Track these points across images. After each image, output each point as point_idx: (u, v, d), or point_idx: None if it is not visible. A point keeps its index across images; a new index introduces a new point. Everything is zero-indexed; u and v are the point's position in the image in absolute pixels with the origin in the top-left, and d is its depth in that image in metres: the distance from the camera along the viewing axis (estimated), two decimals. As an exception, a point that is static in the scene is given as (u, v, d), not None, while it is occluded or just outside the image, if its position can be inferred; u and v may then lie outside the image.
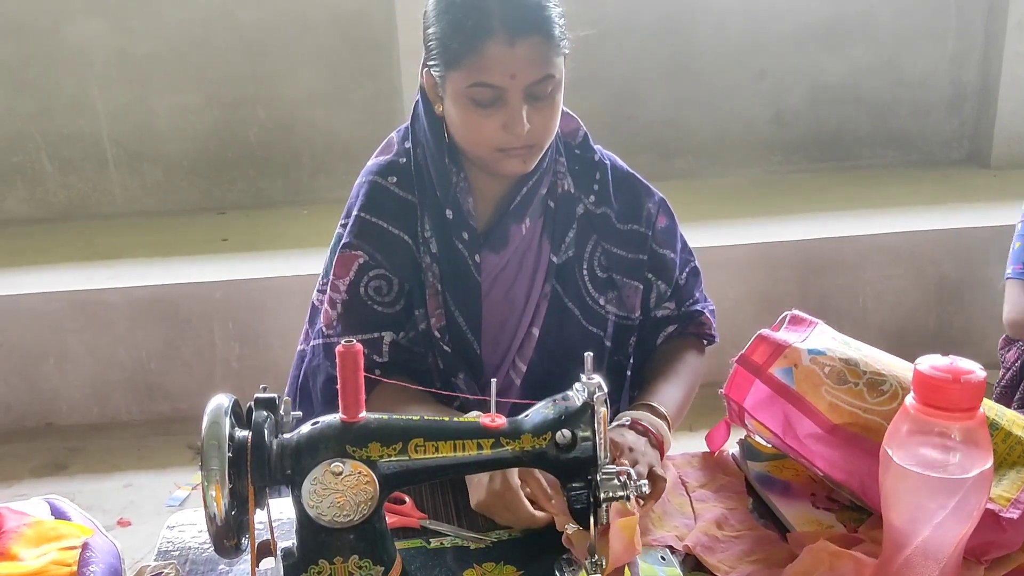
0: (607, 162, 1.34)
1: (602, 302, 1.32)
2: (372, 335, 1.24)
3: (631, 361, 1.37)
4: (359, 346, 0.89)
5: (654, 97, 3.80)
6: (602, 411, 0.91)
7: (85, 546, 0.93)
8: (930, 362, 0.79)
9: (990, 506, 0.93)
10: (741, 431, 1.20)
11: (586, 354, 0.93)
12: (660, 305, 1.36)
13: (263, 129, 3.65)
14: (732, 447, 1.24)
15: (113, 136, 3.57)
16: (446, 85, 1.16)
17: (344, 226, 1.30)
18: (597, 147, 1.35)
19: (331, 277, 1.27)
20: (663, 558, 1.01)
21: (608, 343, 1.34)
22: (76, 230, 3.46)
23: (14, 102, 3.49)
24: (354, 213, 1.27)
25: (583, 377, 0.93)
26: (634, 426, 1.14)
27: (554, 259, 1.29)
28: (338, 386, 0.89)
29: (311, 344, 1.33)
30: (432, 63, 1.18)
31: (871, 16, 3.84)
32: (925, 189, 3.63)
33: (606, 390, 0.92)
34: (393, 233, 1.26)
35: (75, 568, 0.88)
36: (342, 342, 0.88)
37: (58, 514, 1.03)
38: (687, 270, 1.38)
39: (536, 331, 1.30)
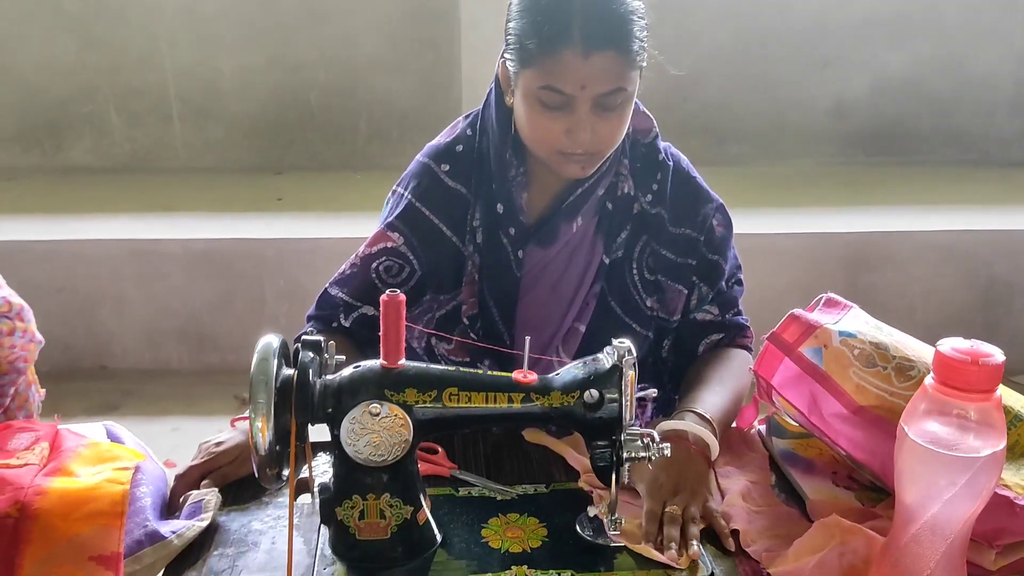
0: (671, 163, 1.33)
1: (649, 303, 1.32)
2: (354, 303, 1.29)
3: (667, 364, 1.38)
4: (402, 296, 0.94)
5: (711, 80, 3.78)
6: (630, 374, 0.94)
7: (137, 469, 1.00)
8: (952, 344, 0.81)
9: (1006, 493, 0.95)
10: (769, 409, 1.22)
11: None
12: (700, 308, 1.34)
13: (323, 93, 3.71)
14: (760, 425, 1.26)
15: (179, 93, 3.67)
16: (518, 80, 1.18)
17: (395, 194, 1.33)
18: (666, 144, 1.34)
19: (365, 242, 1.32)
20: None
21: (653, 343, 1.35)
22: (139, 182, 3.57)
23: (86, 55, 3.60)
24: (405, 196, 1.30)
25: (614, 341, 0.96)
26: (671, 441, 1.04)
27: (605, 260, 1.31)
28: (380, 333, 0.94)
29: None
30: (509, 56, 1.19)
31: (938, 11, 3.78)
32: (982, 189, 3.57)
33: (635, 354, 0.95)
34: (434, 223, 1.29)
35: (127, 486, 0.95)
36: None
37: (113, 439, 1.10)
38: (733, 280, 1.37)
39: (582, 327, 1.31)
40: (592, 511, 1.01)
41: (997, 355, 0.79)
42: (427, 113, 3.56)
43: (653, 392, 1.04)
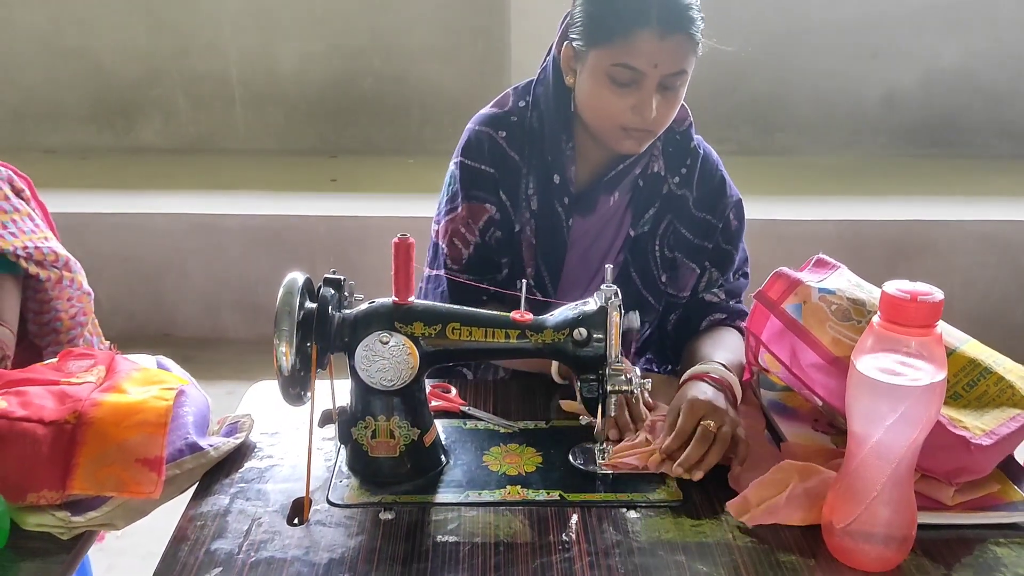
0: (701, 151, 1.43)
1: (664, 279, 1.42)
2: (492, 276, 1.38)
3: (670, 339, 1.47)
4: (412, 240, 1.05)
5: (760, 70, 3.82)
6: (614, 316, 1.04)
7: (182, 392, 1.13)
8: (896, 285, 0.89)
9: (963, 433, 1.03)
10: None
11: (606, 265, 1.07)
12: (709, 289, 1.44)
13: (378, 79, 3.86)
14: (754, 379, 1.35)
15: (241, 78, 3.85)
16: (586, 59, 1.26)
17: (461, 167, 1.38)
18: (699, 137, 1.44)
19: (460, 215, 1.37)
20: None
21: (661, 317, 1.45)
22: (203, 161, 3.77)
23: (156, 41, 3.81)
24: (480, 167, 1.37)
25: (603, 286, 1.06)
26: (710, 381, 1.19)
27: (631, 233, 1.41)
28: (392, 272, 1.05)
29: (434, 272, 1.43)
30: (575, 37, 1.28)
31: (992, 2, 3.76)
32: (1031, 181, 3.56)
33: (620, 297, 1.05)
34: (497, 181, 1.37)
35: (171, 403, 1.08)
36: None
37: (162, 368, 1.23)
38: (740, 272, 1.47)
39: None
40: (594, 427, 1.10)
41: (936, 294, 0.87)
42: (478, 100, 3.61)
43: (636, 323, 1.10)
